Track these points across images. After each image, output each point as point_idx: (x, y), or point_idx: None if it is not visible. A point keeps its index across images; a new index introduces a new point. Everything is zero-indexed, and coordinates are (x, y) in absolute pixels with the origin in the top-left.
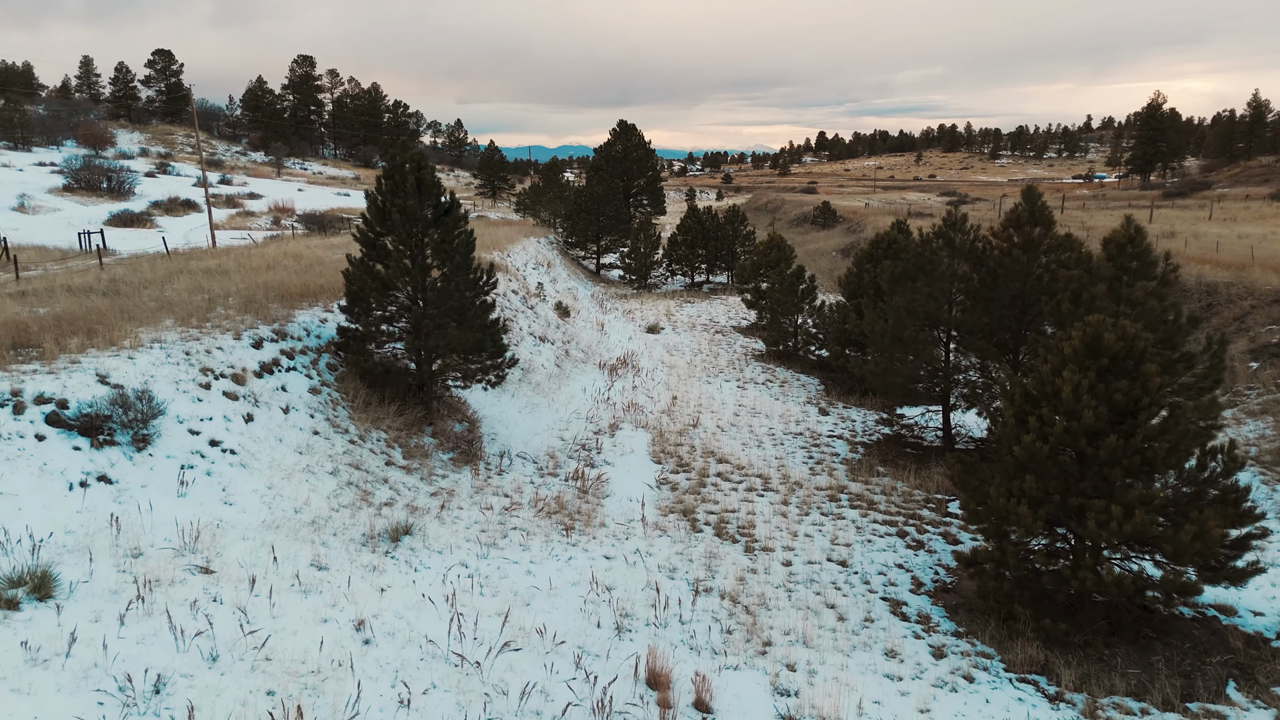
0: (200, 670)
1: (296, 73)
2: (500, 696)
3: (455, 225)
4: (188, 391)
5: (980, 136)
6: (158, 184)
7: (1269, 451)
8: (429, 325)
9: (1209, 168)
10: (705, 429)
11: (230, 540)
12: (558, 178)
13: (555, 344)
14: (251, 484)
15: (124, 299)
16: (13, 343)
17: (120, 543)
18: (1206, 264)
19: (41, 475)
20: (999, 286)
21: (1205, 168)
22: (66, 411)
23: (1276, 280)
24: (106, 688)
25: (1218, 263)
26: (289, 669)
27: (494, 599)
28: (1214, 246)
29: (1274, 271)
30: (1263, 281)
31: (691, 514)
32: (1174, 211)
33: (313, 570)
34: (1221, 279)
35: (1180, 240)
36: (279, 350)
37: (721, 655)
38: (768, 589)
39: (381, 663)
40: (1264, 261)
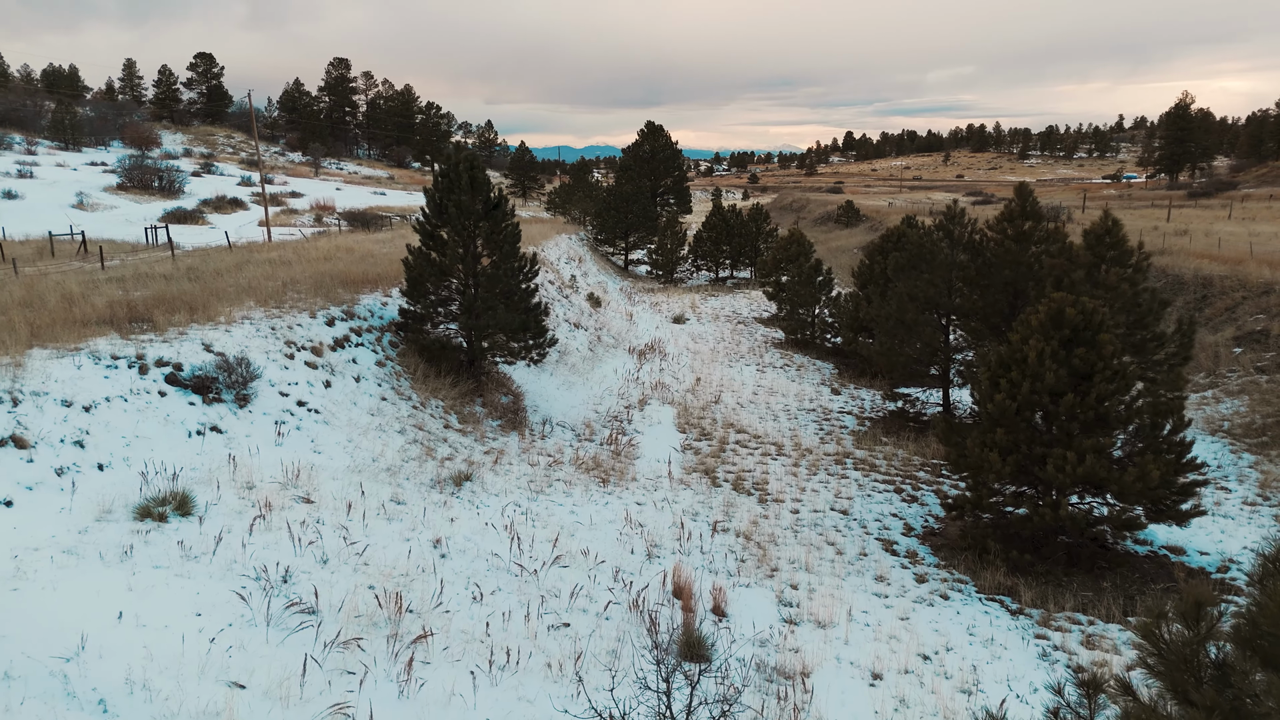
0: (315, 568)
1: (332, 75)
2: (553, 597)
3: (503, 218)
4: (276, 360)
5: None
6: (204, 183)
7: (1239, 425)
8: (480, 307)
9: (1238, 168)
10: (726, 405)
11: (323, 479)
12: (586, 178)
13: (588, 330)
14: (334, 438)
15: (206, 284)
16: (128, 317)
17: (237, 477)
18: (1206, 259)
19: (166, 424)
20: (993, 274)
21: (1234, 168)
22: (181, 373)
23: (1269, 273)
24: (247, 575)
25: (1217, 258)
26: (383, 571)
27: (544, 529)
28: (1218, 243)
29: (1268, 266)
30: (1255, 275)
31: (712, 473)
32: (1195, 211)
33: (393, 504)
34: (1218, 272)
35: (1190, 238)
36: (349, 328)
37: (735, 576)
38: (777, 530)
39: (456, 570)
40: (1260, 257)
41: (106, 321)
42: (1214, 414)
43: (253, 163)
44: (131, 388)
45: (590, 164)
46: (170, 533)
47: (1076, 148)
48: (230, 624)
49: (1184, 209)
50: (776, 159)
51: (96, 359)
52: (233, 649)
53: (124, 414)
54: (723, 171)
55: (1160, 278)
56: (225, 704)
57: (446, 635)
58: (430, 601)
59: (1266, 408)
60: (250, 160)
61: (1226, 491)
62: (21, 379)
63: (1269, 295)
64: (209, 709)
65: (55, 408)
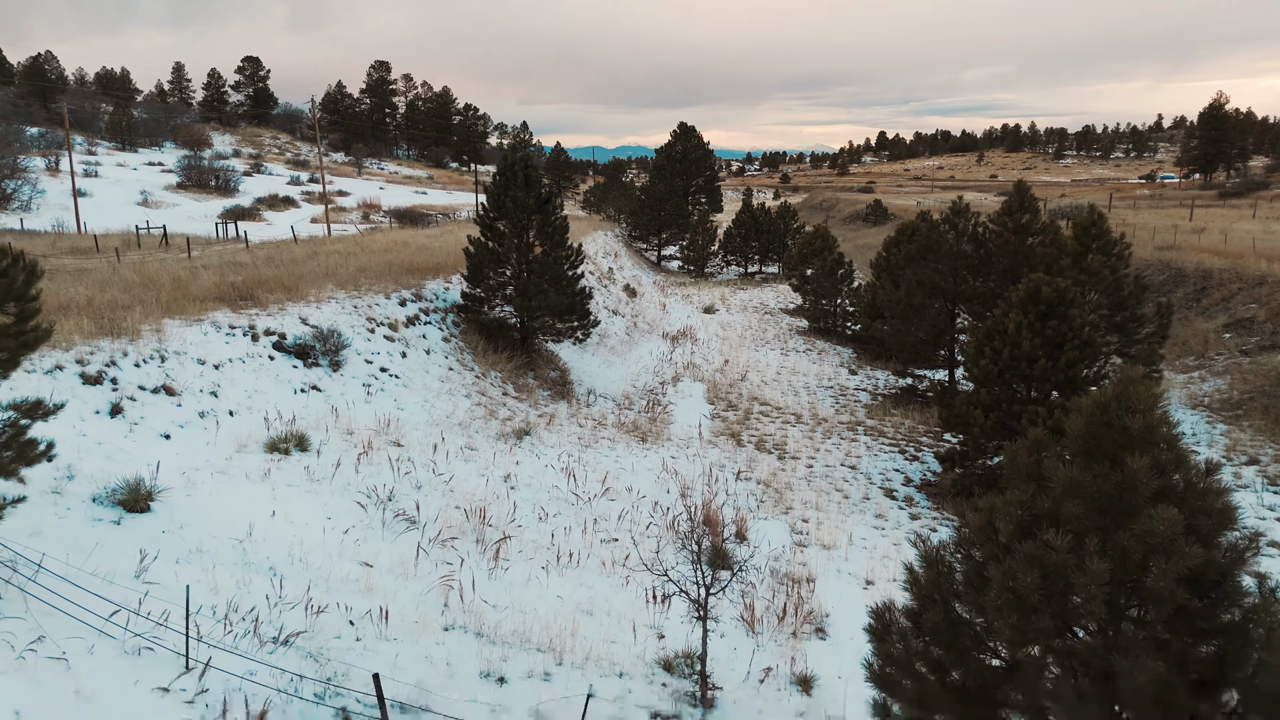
0: (412, 492)
1: (373, 77)
2: (604, 520)
3: (553, 212)
4: (360, 333)
5: (1045, 136)
6: (255, 182)
7: (1218, 401)
8: (532, 290)
9: (1274, 168)
10: (751, 382)
11: (408, 429)
12: (620, 177)
13: (625, 317)
14: (413, 398)
15: (289, 270)
16: (235, 295)
17: (338, 425)
18: (1210, 253)
19: (276, 381)
20: (993, 262)
21: (1270, 168)
22: (285, 341)
23: (1265, 266)
24: (361, 493)
25: (1221, 252)
26: (466, 496)
27: (594, 472)
28: (1224, 240)
29: (1265, 259)
30: (1253, 268)
31: (738, 436)
32: (1221, 210)
33: (467, 449)
34: (1218, 265)
35: (1202, 236)
36: (418, 308)
37: (755, 512)
38: (793, 479)
39: (524, 498)
40: (1262, 252)
41: (218, 299)
42: (1197, 391)
43: (298, 163)
44: (247, 352)
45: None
46: (295, 462)
47: (1114, 148)
48: (354, 525)
49: (1211, 209)
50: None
51: (217, 328)
52: (359, 541)
53: (244, 372)
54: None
55: (1164, 270)
56: (361, 574)
57: (520, 541)
58: (505, 518)
59: (1244, 385)
60: (296, 160)
61: (1195, 454)
62: (164, 342)
63: (1262, 286)
64: (350, 577)
65: (193, 365)
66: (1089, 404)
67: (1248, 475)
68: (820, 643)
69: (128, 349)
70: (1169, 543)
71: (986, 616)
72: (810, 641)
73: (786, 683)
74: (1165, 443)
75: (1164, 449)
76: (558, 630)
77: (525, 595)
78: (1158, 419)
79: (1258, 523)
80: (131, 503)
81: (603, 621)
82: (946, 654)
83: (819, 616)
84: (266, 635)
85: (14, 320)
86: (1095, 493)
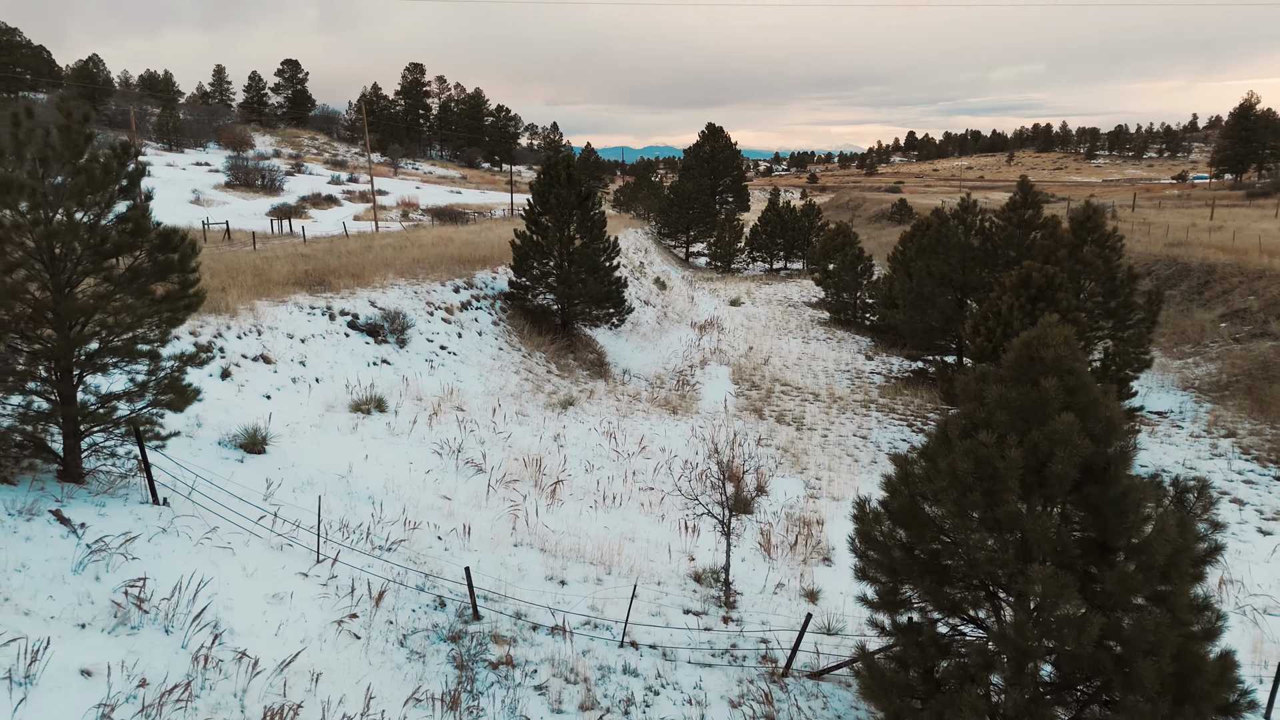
0: (477, 445)
1: (408, 79)
2: (641, 473)
3: (592, 207)
4: (420, 315)
5: (1077, 136)
6: (297, 181)
7: (1208, 383)
8: (572, 279)
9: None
10: (773, 366)
11: (468, 398)
12: (649, 177)
13: (656, 307)
14: (470, 372)
15: (351, 260)
16: (309, 281)
17: (408, 391)
18: (1216, 250)
19: (352, 355)
20: (999, 254)
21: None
22: (358, 320)
23: (1266, 261)
24: (435, 445)
25: (1227, 249)
26: (523, 451)
27: (631, 436)
28: (1232, 237)
29: (1269, 255)
30: (1255, 263)
31: (760, 411)
32: (1245, 210)
33: (520, 415)
34: (1222, 260)
35: (1213, 233)
36: (470, 295)
37: (774, 471)
38: (809, 446)
39: (571, 454)
40: (1267, 248)
41: (295, 284)
42: (1190, 375)
43: (336, 163)
44: (326, 329)
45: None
46: (377, 420)
47: (1146, 148)
48: (432, 469)
49: (1235, 208)
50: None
51: (299, 308)
52: (438, 480)
53: (324, 346)
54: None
55: (1170, 265)
56: (443, 504)
57: (571, 486)
58: (557, 468)
59: (1233, 369)
60: (334, 161)
61: (1179, 428)
62: (258, 319)
63: (1261, 279)
64: (434, 505)
65: (283, 338)
66: (1018, 342)
67: (1223, 445)
68: (826, 568)
69: (230, 324)
70: (1066, 438)
71: (936, 497)
72: (818, 567)
73: (796, 594)
74: (1072, 371)
75: (1070, 376)
76: (606, 550)
77: (578, 524)
78: (1067, 352)
79: (1226, 484)
80: (250, 445)
81: (642, 546)
82: (908, 531)
83: (826, 549)
84: (375, 542)
85: (179, 287)
86: (1018, 405)
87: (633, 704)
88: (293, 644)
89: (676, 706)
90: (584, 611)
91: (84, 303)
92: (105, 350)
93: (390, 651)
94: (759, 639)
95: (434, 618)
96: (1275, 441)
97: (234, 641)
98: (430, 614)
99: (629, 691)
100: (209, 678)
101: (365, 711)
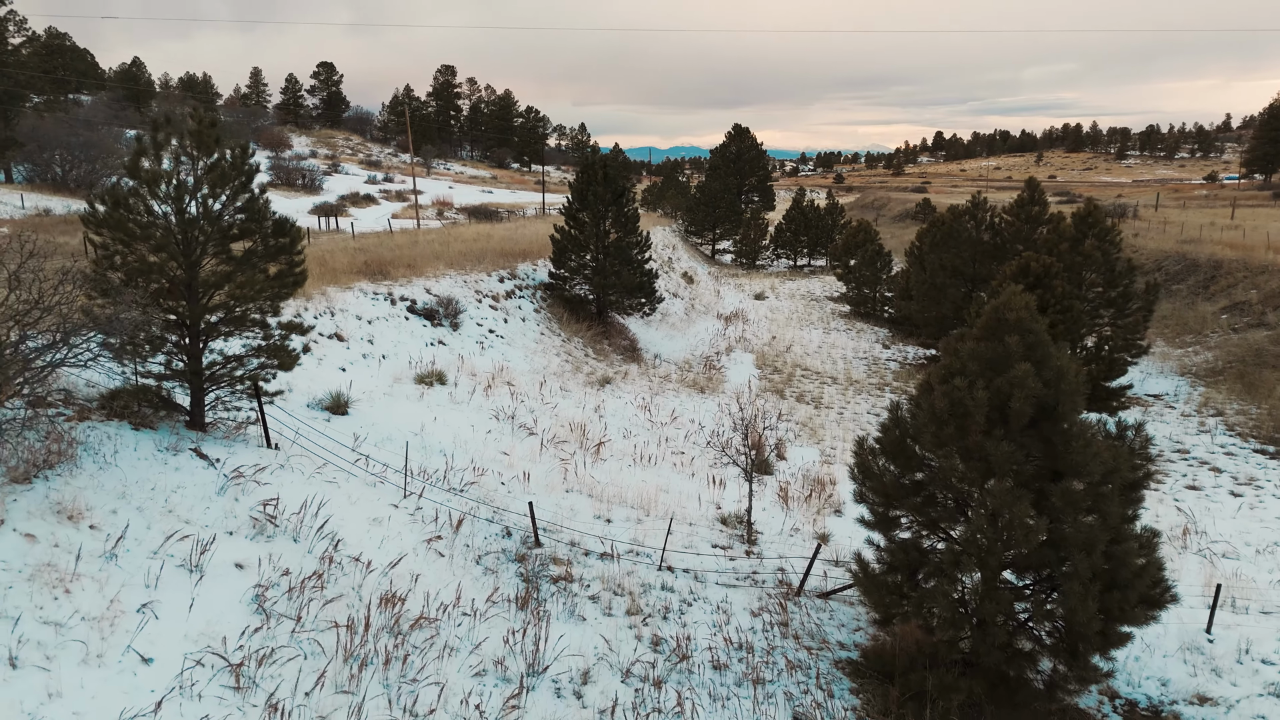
0: (528, 413)
1: (439, 81)
2: (672, 440)
3: (626, 204)
4: (470, 302)
5: (1107, 136)
6: (335, 181)
7: (1204, 369)
8: (607, 270)
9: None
10: (795, 353)
11: (516, 374)
12: (676, 177)
13: (684, 299)
14: (516, 353)
15: (401, 253)
16: (370, 271)
17: (464, 368)
18: (1224, 246)
19: (412, 336)
20: (1007, 248)
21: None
22: (415, 305)
23: (1270, 257)
24: (491, 411)
25: (1236, 245)
26: (568, 418)
27: (663, 409)
28: (1243, 235)
29: (1275, 251)
30: (1260, 259)
31: (781, 391)
32: (1267, 209)
33: (563, 390)
34: (1229, 256)
35: (1232, 232)
36: (513, 285)
37: (793, 441)
38: (825, 421)
39: (611, 422)
40: (1273, 245)
41: (357, 273)
42: (1189, 362)
43: (371, 163)
44: (389, 312)
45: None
46: (439, 390)
47: (1178, 148)
48: (491, 430)
49: (1259, 208)
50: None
51: (364, 293)
52: (497, 439)
53: (388, 327)
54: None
55: (1180, 261)
56: (504, 457)
57: (611, 448)
58: (599, 433)
59: (1228, 356)
60: (368, 161)
61: (1172, 409)
62: (330, 302)
63: (1264, 274)
64: (496, 458)
65: (353, 319)
66: (989, 308)
67: (1210, 423)
68: (836, 518)
69: (307, 306)
70: (1023, 381)
71: (920, 434)
72: (829, 517)
73: (809, 536)
74: (1031, 330)
75: (1030, 334)
76: (644, 497)
77: (619, 477)
78: (1027, 315)
79: (1207, 456)
80: (335, 408)
81: (676, 495)
82: (897, 462)
83: (837, 503)
84: (450, 484)
85: (286, 268)
86: (987, 357)
87: (670, 611)
88: (393, 554)
89: (707, 614)
90: (627, 542)
91: (214, 278)
92: (227, 320)
93: (469, 566)
94: (776, 568)
95: (502, 544)
96: (1259, 420)
97: (348, 550)
98: (499, 540)
99: (667, 601)
100: (333, 573)
101: (456, 603)
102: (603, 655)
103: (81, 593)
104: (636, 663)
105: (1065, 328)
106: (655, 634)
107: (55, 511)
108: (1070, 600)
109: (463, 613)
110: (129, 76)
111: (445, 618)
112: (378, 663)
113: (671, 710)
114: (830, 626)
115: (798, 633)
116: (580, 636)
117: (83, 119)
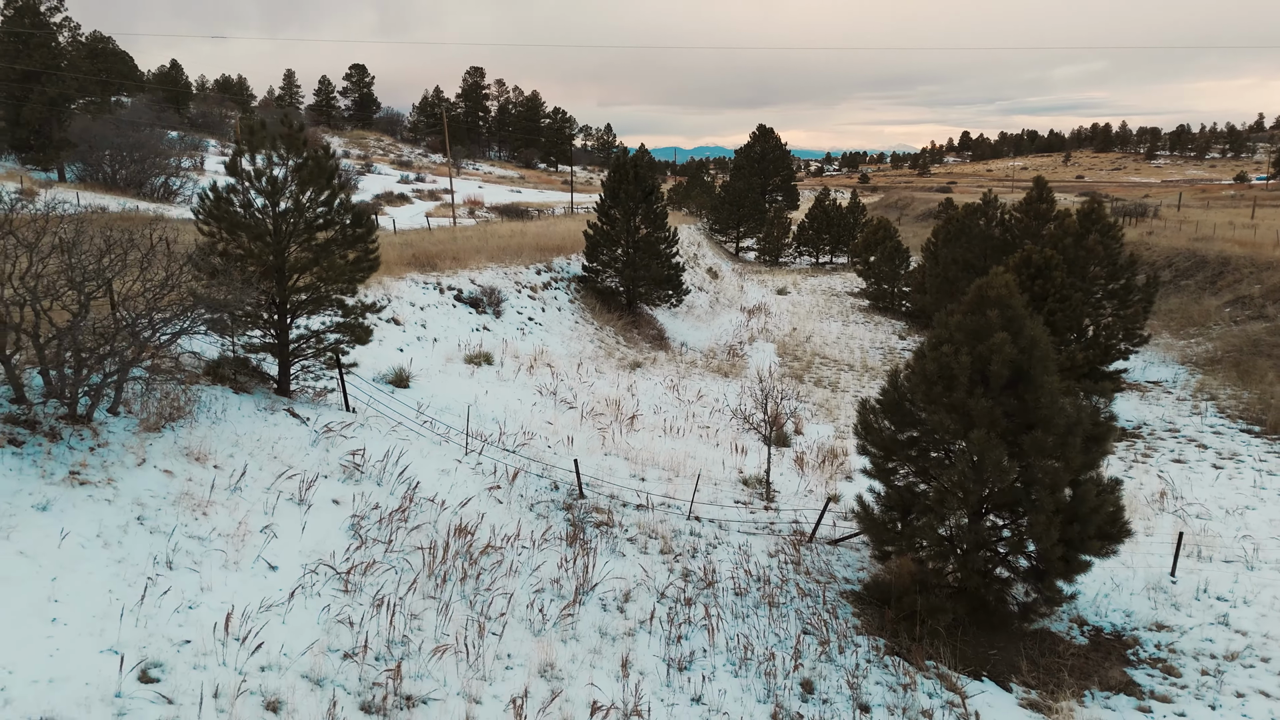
0: (567, 390)
1: (468, 82)
2: (699, 416)
3: (656, 201)
4: (511, 292)
5: (1137, 136)
6: (369, 181)
7: (1204, 358)
8: (637, 263)
9: None
10: (814, 343)
11: (555, 357)
12: (701, 177)
13: (708, 293)
14: (553, 339)
15: (444, 248)
16: (418, 263)
17: (508, 350)
18: (1234, 244)
19: (459, 321)
20: (1015, 242)
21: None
22: (462, 294)
23: (1278, 254)
24: (535, 388)
25: (1245, 243)
26: (603, 396)
27: (690, 390)
28: (1254, 233)
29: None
30: (1267, 255)
31: (800, 377)
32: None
33: (597, 372)
34: (1237, 253)
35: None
36: (550, 277)
37: (810, 419)
38: (841, 403)
39: (643, 400)
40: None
41: (407, 264)
42: (1190, 352)
43: (402, 163)
44: (438, 300)
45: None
46: (487, 369)
47: (1209, 148)
48: (535, 403)
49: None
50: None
51: (415, 283)
52: (541, 411)
53: (438, 314)
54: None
55: (1190, 258)
56: (548, 425)
57: (642, 421)
58: (631, 408)
59: (1226, 346)
60: (399, 161)
61: (1169, 394)
62: (386, 290)
63: (1269, 269)
64: (541, 426)
65: (407, 306)
66: (974, 286)
67: (1203, 406)
68: (847, 483)
69: (366, 293)
70: (1000, 348)
71: (913, 391)
72: (840, 482)
73: (821, 496)
74: (1010, 305)
75: (1008, 309)
76: (674, 461)
77: (651, 445)
78: (1006, 293)
79: (1196, 434)
80: (398, 381)
81: (701, 461)
82: (894, 419)
83: (848, 470)
84: (504, 446)
85: (362, 255)
86: (971, 328)
87: (698, 551)
88: (461, 497)
89: (729, 554)
90: (660, 496)
91: (300, 263)
92: (311, 300)
93: (524, 511)
94: (791, 520)
95: (551, 495)
96: (1249, 404)
97: (423, 492)
98: (548, 492)
99: (695, 544)
100: (414, 510)
101: (517, 537)
102: (641, 581)
103: (216, 515)
104: (670, 587)
105: (1064, 316)
106: (685, 568)
107: (184, 454)
108: (1036, 529)
109: (522, 545)
110: (168, 79)
111: (508, 547)
112: (455, 577)
113: (700, 622)
114: (837, 566)
115: (808, 569)
116: (621, 567)
117: (127, 120)
